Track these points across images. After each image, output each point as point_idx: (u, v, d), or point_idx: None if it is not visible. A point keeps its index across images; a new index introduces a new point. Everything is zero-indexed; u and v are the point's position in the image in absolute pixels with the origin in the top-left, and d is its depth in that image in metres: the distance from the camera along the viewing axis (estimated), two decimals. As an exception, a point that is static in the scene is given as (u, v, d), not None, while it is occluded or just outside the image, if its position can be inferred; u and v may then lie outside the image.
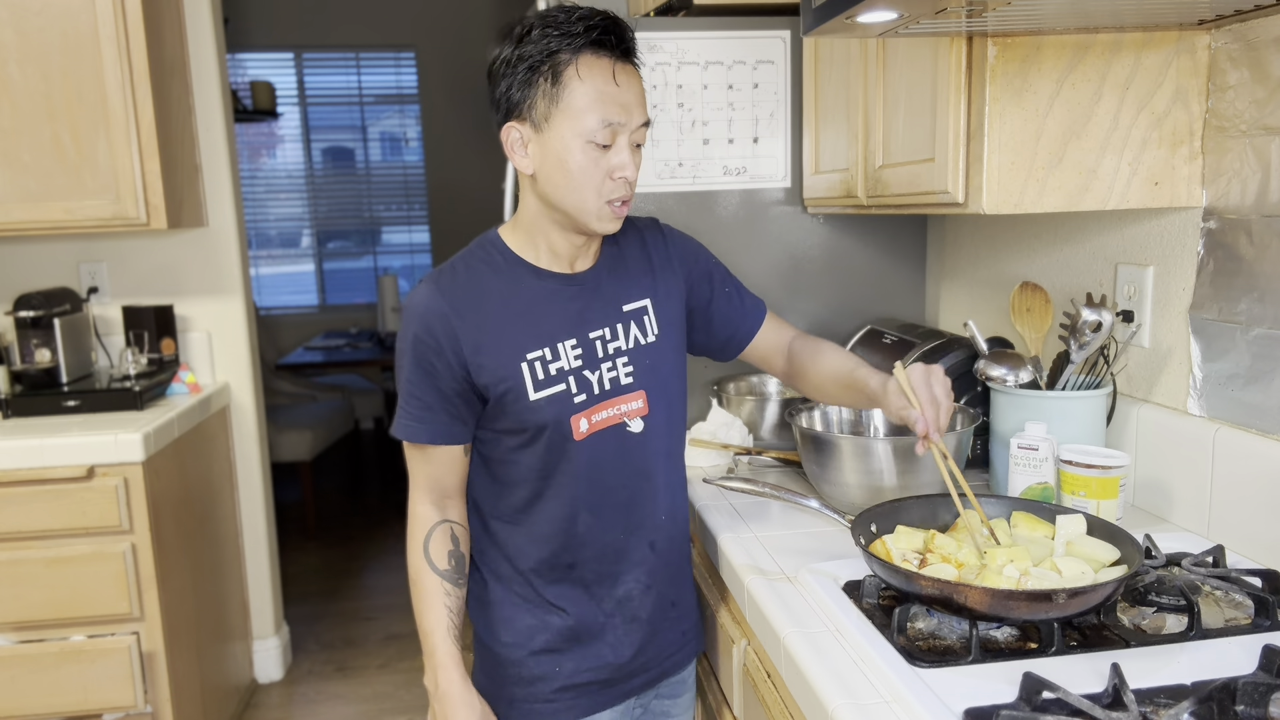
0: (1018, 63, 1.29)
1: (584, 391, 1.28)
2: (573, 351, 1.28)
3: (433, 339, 1.23)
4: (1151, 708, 0.89)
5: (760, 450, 1.85)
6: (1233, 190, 1.30)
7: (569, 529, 1.31)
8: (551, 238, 1.28)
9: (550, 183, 1.21)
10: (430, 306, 1.23)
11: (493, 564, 1.35)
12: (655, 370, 1.34)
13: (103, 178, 2.32)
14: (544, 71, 1.17)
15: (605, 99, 1.17)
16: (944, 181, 1.38)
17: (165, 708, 2.29)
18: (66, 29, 2.27)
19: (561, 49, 1.17)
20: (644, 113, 1.22)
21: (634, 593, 1.36)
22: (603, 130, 1.18)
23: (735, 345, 1.48)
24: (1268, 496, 1.24)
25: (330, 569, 4.10)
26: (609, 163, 1.20)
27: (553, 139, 1.19)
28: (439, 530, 1.31)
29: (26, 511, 2.15)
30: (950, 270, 2.08)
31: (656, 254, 1.39)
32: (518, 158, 1.23)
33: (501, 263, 1.28)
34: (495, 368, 1.24)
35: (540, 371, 1.26)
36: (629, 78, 1.20)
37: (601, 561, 1.33)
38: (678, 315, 1.39)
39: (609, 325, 1.31)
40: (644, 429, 1.33)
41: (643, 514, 1.35)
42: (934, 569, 1.11)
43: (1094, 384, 1.50)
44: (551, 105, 1.17)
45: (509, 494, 1.31)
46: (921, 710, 0.90)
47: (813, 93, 1.95)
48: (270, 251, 6.32)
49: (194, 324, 2.83)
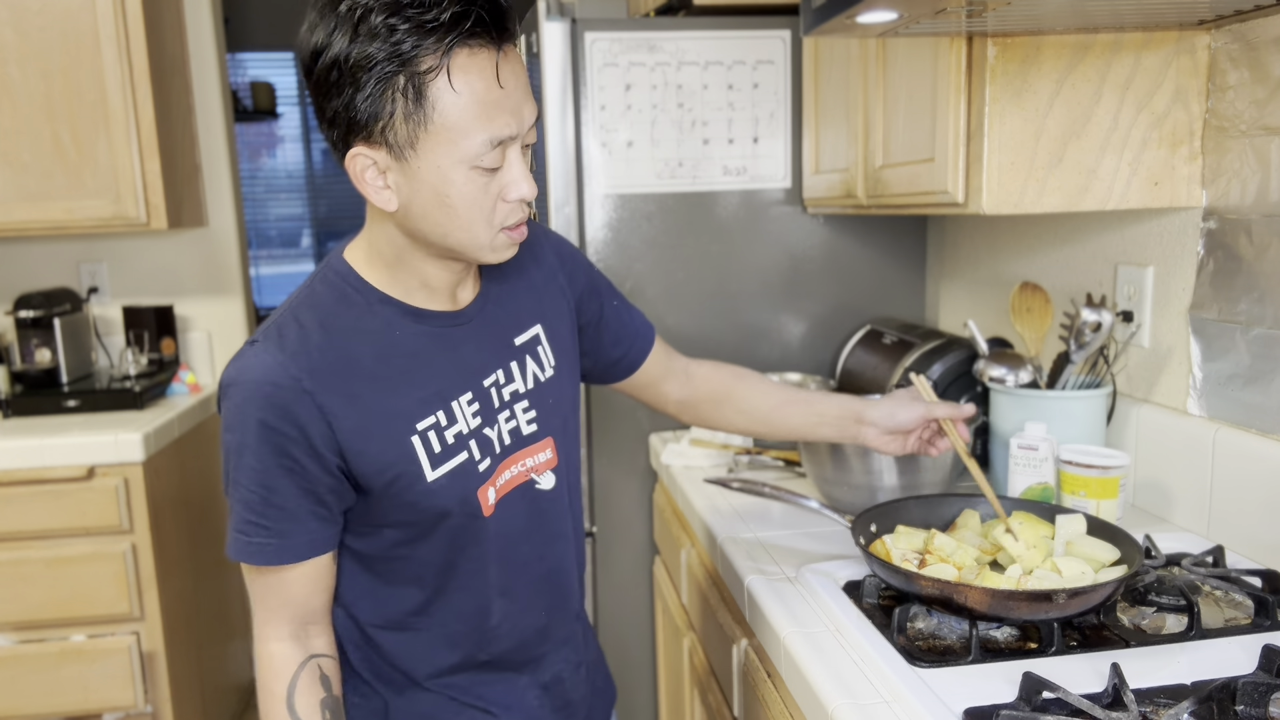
0: (1017, 63, 1.29)
1: (486, 455, 1.03)
2: (469, 409, 1.02)
3: (290, 425, 0.92)
4: (1151, 708, 0.89)
5: (760, 450, 1.85)
6: (1233, 190, 1.30)
7: (480, 624, 1.06)
8: (425, 271, 0.99)
9: (425, 219, 0.93)
10: (277, 380, 0.92)
11: (385, 676, 1.07)
12: (557, 409, 1.11)
13: (103, 177, 2.32)
14: (399, 85, 0.86)
15: (490, 110, 0.89)
16: (944, 181, 1.38)
17: (165, 707, 2.29)
18: (66, 29, 2.27)
19: (422, 51, 0.86)
20: (534, 106, 0.94)
21: (564, 674, 1.15)
22: (490, 153, 0.91)
23: (626, 366, 1.26)
24: (1268, 496, 1.24)
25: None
26: (500, 184, 0.93)
27: (423, 168, 0.90)
28: (305, 675, 0.99)
29: (27, 511, 2.15)
30: (950, 270, 2.09)
31: (536, 264, 1.14)
32: (374, 192, 0.92)
33: (364, 305, 0.98)
34: (380, 451, 0.96)
35: (435, 443, 0.99)
36: (514, 69, 0.92)
37: (523, 649, 1.10)
38: (570, 339, 1.16)
39: (502, 366, 1.06)
40: (555, 483, 1.10)
41: (563, 582, 1.13)
42: (934, 569, 1.11)
43: (1094, 384, 1.50)
44: (417, 128, 0.88)
45: (397, 596, 1.04)
46: (921, 710, 0.90)
47: (813, 93, 1.95)
48: (270, 251, 6.32)
49: (194, 324, 2.83)
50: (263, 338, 0.96)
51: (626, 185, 2.03)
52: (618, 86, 1.99)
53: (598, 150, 1.99)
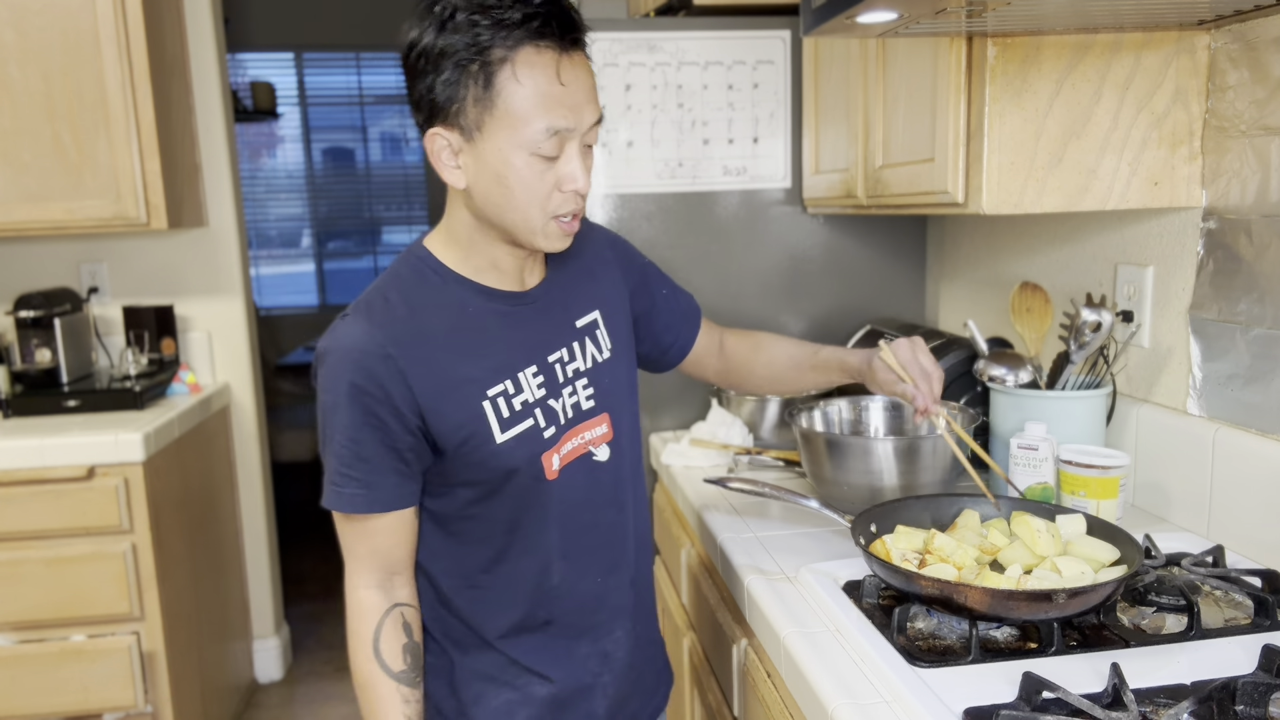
0: (1017, 63, 1.29)
1: (551, 424, 1.12)
2: (534, 380, 1.12)
3: (376, 386, 1.03)
4: (1151, 707, 0.89)
5: (760, 450, 1.85)
6: (1232, 190, 1.30)
7: (542, 583, 1.15)
8: (494, 253, 1.11)
9: (487, 199, 1.04)
10: (366, 347, 1.04)
11: (455, 635, 1.17)
12: (614, 389, 1.21)
13: (103, 177, 2.32)
14: (473, 72, 0.98)
15: (549, 102, 0.99)
16: (944, 181, 1.38)
17: (165, 708, 2.29)
18: (66, 29, 2.27)
19: (494, 43, 0.97)
20: (595, 109, 1.04)
21: (619, 641, 1.22)
22: (548, 140, 1.00)
23: (678, 352, 1.37)
24: (1267, 496, 1.24)
25: (331, 568, 4.09)
26: (556, 174, 1.03)
27: (488, 150, 1.01)
28: (389, 621, 1.10)
29: (27, 511, 2.15)
30: (950, 270, 2.08)
31: (595, 258, 1.25)
32: (447, 170, 1.04)
33: (440, 284, 1.10)
34: (454, 412, 1.06)
35: (505, 409, 1.09)
36: (577, 72, 1.02)
37: (581, 613, 1.18)
38: (625, 326, 1.26)
39: (565, 345, 1.16)
40: (610, 455, 1.19)
41: (619, 551, 1.21)
42: (934, 569, 1.11)
43: (1094, 384, 1.50)
44: (484, 112, 0.99)
45: (469, 555, 1.14)
46: (921, 710, 0.90)
47: (813, 93, 1.95)
48: (270, 251, 6.32)
49: (194, 324, 2.83)
50: (353, 312, 1.07)
51: (626, 185, 2.03)
52: (618, 86, 1.99)
53: (598, 150, 1.99)
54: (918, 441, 1.46)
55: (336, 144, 6.27)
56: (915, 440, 1.46)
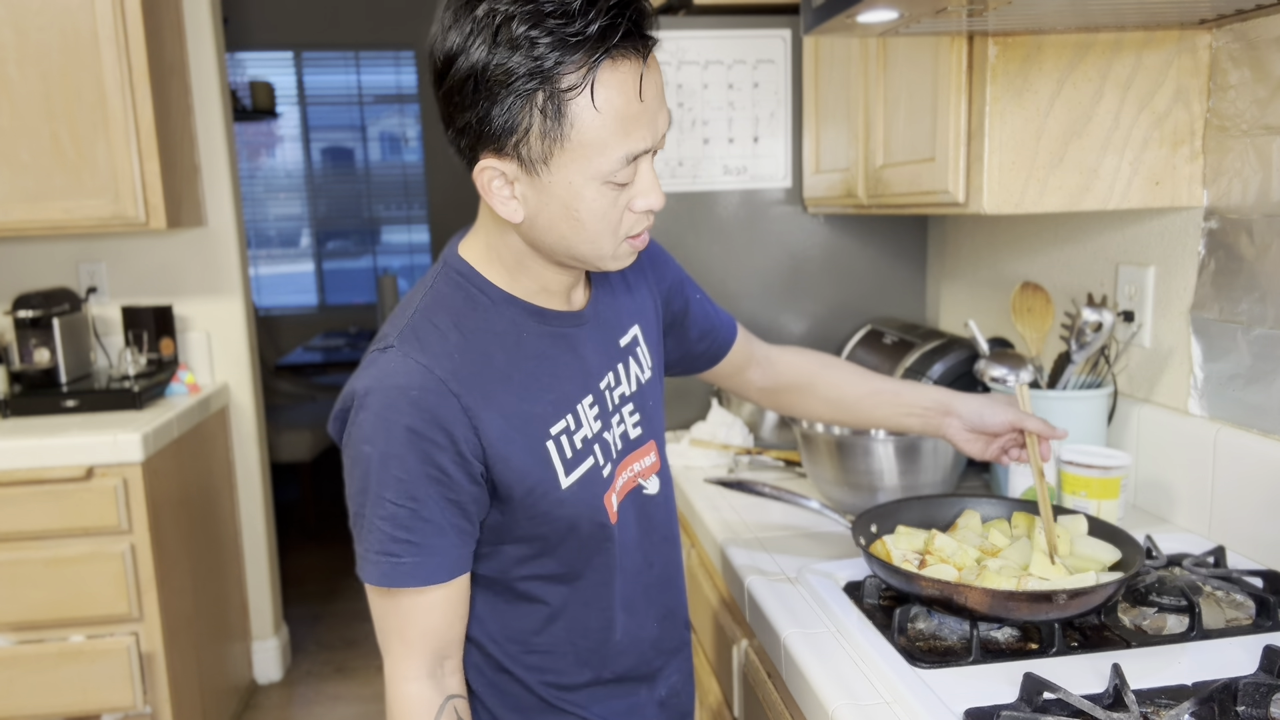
0: (1018, 62, 1.29)
1: (607, 461, 1.00)
2: (590, 412, 0.99)
3: (438, 431, 0.88)
4: (1152, 708, 0.89)
5: (760, 450, 1.85)
6: (1234, 190, 1.30)
7: (606, 640, 1.03)
8: (545, 276, 0.97)
9: (551, 230, 0.90)
10: (425, 384, 0.88)
11: (513, 700, 1.03)
12: (655, 411, 1.10)
13: (102, 177, 2.32)
14: (538, 102, 0.82)
15: (629, 125, 0.85)
16: (944, 181, 1.38)
17: (164, 708, 2.29)
18: (66, 29, 2.26)
19: (564, 68, 0.81)
20: (667, 114, 0.91)
21: (678, 687, 1.14)
22: (625, 168, 0.87)
23: (710, 357, 1.26)
24: (1269, 497, 1.24)
25: (330, 569, 4.09)
26: (629, 195, 0.90)
27: (555, 184, 0.87)
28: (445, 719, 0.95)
29: (26, 512, 2.15)
30: (951, 270, 2.08)
31: (632, 268, 1.13)
32: (500, 203, 0.89)
33: (490, 305, 0.95)
34: (520, 456, 0.92)
35: (568, 448, 0.96)
36: (654, 78, 0.87)
37: (642, 663, 1.08)
38: (657, 337, 1.15)
39: (612, 368, 1.04)
40: (659, 487, 1.08)
41: (673, 589, 1.12)
42: (934, 570, 1.11)
43: (1095, 384, 1.50)
44: (553, 145, 0.84)
45: (522, 617, 1.01)
46: (922, 710, 0.90)
47: (813, 92, 1.95)
48: (270, 251, 6.32)
49: (193, 324, 2.83)
50: (399, 342, 0.91)
51: (626, 185, 2.02)
52: (617, 86, 1.98)
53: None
54: (918, 441, 1.46)
55: (336, 143, 6.27)
56: (916, 440, 1.46)
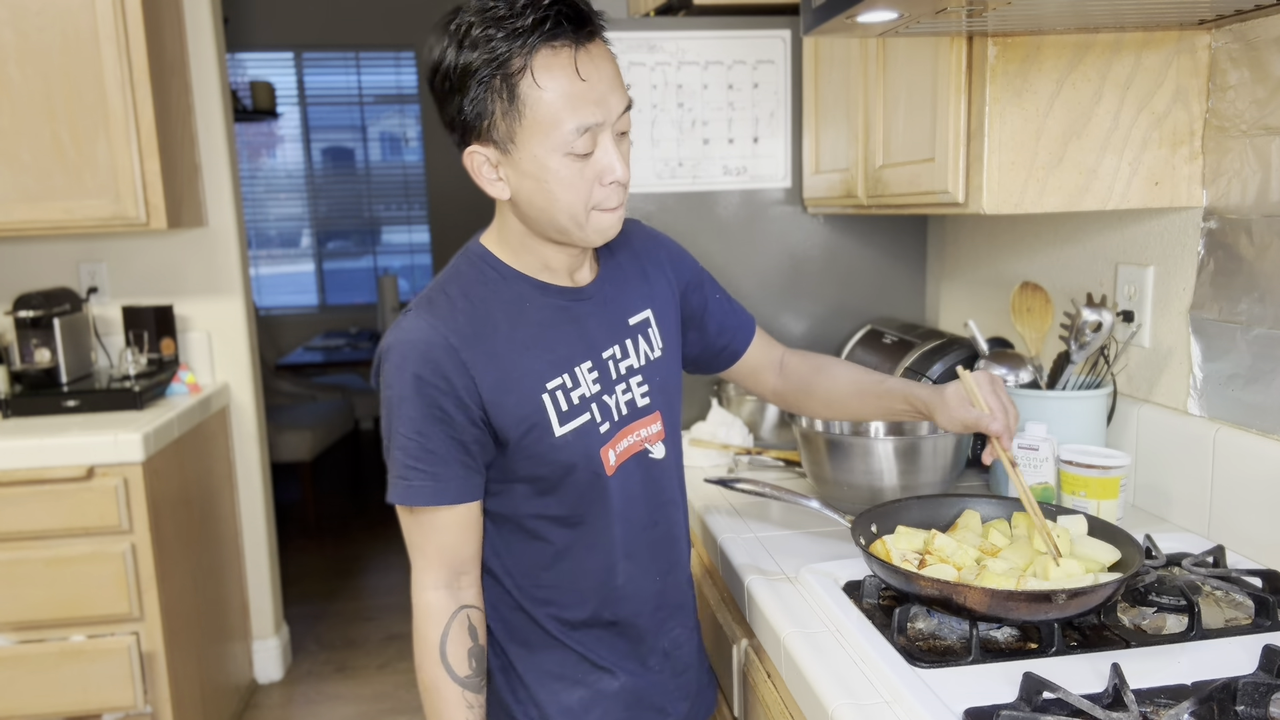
0: (1018, 63, 1.29)
1: (606, 420, 1.14)
2: (589, 375, 1.14)
3: (441, 378, 1.05)
4: (1152, 708, 0.89)
5: (760, 450, 1.85)
6: (1233, 190, 1.30)
7: (607, 582, 1.16)
8: (545, 254, 1.13)
9: (532, 205, 1.06)
10: (430, 340, 1.06)
11: (522, 635, 1.18)
12: (665, 388, 1.22)
13: (102, 177, 2.32)
14: (496, 86, 0.99)
15: (574, 101, 1.00)
16: (944, 181, 1.38)
17: (165, 708, 2.29)
18: (66, 29, 2.26)
19: (510, 54, 0.98)
20: (622, 97, 1.05)
21: (680, 640, 1.25)
22: (580, 139, 1.01)
23: (729, 355, 1.36)
24: (1268, 496, 1.24)
25: (330, 569, 4.09)
26: (595, 169, 1.04)
27: (524, 159, 1.02)
28: (456, 623, 1.11)
29: (26, 511, 2.15)
30: (950, 270, 2.08)
31: (647, 259, 1.27)
32: (489, 185, 1.07)
33: (499, 280, 1.13)
34: (516, 405, 1.08)
35: (563, 402, 1.11)
36: (597, 63, 1.02)
37: (644, 613, 1.20)
38: (675, 326, 1.27)
39: (618, 342, 1.18)
40: (665, 453, 1.21)
41: (676, 549, 1.25)
42: (934, 569, 1.11)
43: (1094, 384, 1.50)
44: (514, 123, 1.00)
45: (532, 553, 1.15)
46: (922, 710, 0.90)
47: (813, 93, 1.95)
48: (270, 251, 6.33)
49: (194, 324, 2.83)
50: (415, 307, 1.09)
51: (626, 185, 2.03)
52: (618, 86, 1.98)
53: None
54: (918, 441, 1.46)
55: (336, 144, 6.27)
56: (916, 440, 1.46)
